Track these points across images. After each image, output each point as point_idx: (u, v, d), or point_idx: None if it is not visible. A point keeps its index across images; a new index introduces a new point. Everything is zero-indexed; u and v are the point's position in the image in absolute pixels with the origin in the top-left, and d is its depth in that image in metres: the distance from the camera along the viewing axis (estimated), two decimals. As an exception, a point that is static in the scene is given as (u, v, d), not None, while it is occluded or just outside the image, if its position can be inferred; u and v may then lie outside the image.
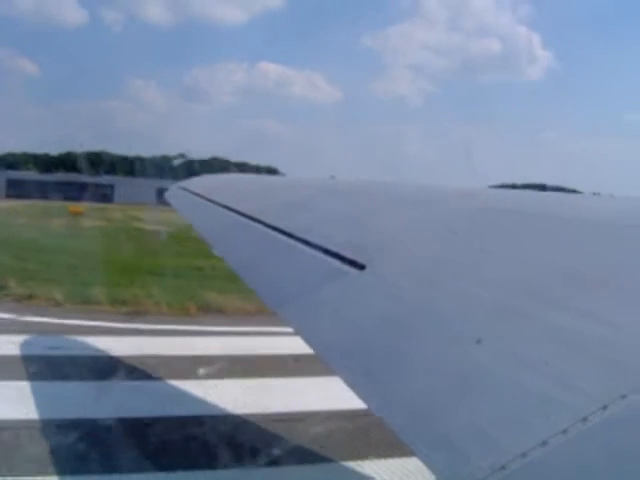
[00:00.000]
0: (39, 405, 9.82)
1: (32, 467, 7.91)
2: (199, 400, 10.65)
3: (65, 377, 11.32)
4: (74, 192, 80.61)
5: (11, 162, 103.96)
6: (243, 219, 6.57)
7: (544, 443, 1.68)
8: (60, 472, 7.88)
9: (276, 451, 8.72)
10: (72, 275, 21.22)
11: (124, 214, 57.25)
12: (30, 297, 17.87)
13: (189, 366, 12.22)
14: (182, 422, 9.70)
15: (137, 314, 16.92)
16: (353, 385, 2.53)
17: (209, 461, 8.46)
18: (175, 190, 12.65)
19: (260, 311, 17.71)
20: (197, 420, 9.80)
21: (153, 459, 8.45)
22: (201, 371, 11.96)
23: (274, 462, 8.44)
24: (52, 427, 9.09)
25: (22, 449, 8.38)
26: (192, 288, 19.83)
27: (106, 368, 11.87)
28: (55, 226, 41.34)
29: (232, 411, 10.30)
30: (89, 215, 52.95)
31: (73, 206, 58.54)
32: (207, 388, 11.11)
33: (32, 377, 11.07)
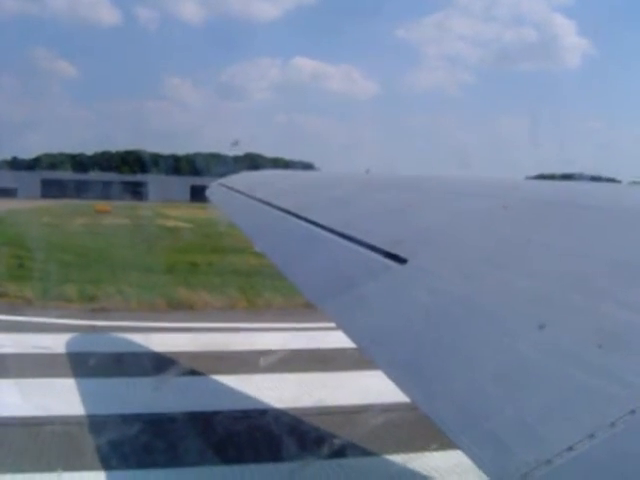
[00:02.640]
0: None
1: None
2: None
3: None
4: (108, 191, 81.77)
5: (48, 163, 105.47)
6: (283, 214, 6.60)
7: (591, 436, 1.67)
8: None
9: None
10: (48, 272, 21.33)
11: (152, 211, 57.80)
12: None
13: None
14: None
15: (103, 310, 16.98)
16: (397, 379, 2.53)
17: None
18: (215, 187, 12.73)
19: (233, 306, 17.84)
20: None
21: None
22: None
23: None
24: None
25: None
26: (175, 285, 19.76)
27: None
28: (74, 224, 41.92)
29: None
30: (115, 213, 53.53)
31: (100, 205, 59.39)
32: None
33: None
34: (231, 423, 9.54)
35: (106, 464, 8.08)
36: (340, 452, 8.73)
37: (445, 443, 2.65)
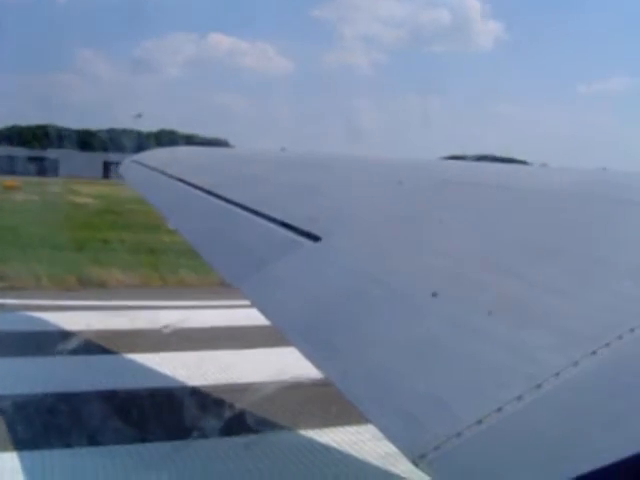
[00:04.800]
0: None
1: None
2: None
3: None
4: (17, 166, 79.38)
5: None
6: (197, 192, 6.54)
7: (499, 410, 1.72)
8: None
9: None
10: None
11: (63, 188, 56.24)
12: None
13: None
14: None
15: (12, 289, 16.39)
16: (310, 356, 2.55)
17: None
18: (128, 164, 12.50)
19: (146, 284, 17.65)
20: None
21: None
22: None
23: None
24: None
25: None
26: (87, 263, 19.32)
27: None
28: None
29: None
30: (24, 189, 51.71)
31: (9, 180, 57.51)
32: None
33: None
34: (143, 401, 9.43)
35: (15, 444, 7.90)
36: (252, 429, 8.72)
37: (358, 418, 2.68)
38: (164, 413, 9.10)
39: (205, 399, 9.84)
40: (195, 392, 10.04)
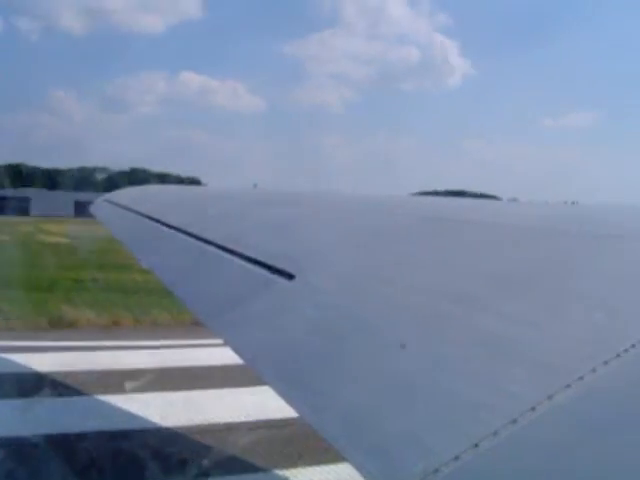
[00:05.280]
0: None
1: None
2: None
3: None
4: (-12, 206, 79.02)
5: None
6: (169, 230, 6.52)
7: (475, 446, 1.71)
8: None
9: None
10: None
11: (34, 227, 56.03)
12: None
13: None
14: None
15: None
16: (284, 394, 2.53)
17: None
18: (100, 203, 12.48)
19: (118, 324, 17.52)
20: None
21: None
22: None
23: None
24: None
25: None
26: (58, 303, 19.10)
27: None
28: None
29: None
30: (-6, 229, 51.31)
31: (-24, 220, 57.14)
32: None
33: None
34: (118, 443, 9.30)
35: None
36: (228, 470, 8.65)
37: (334, 456, 2.66)
38: (134, 456, 8.97)
39: (179, 440, 9.74)
40: (169, 433, 9.93)
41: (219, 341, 3.62)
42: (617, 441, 1.64)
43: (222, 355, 10.55)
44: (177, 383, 12.10)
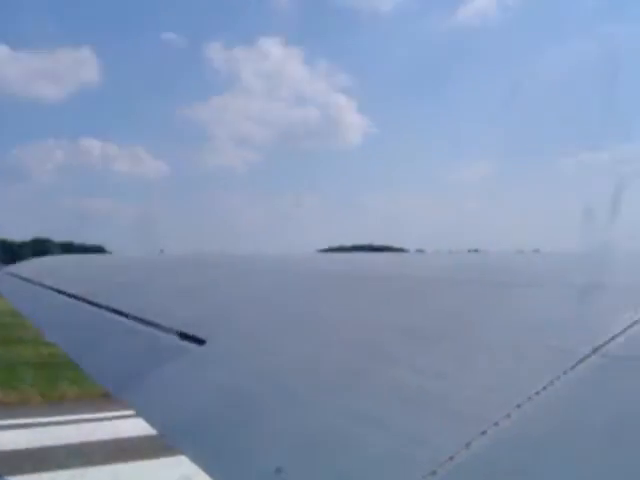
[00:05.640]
0: None
1: None
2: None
3: None
4: None
5: None
6: (75, 301, 6.38)
7: None
8: None
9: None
10: None
11: None
12: None
13: None
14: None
15: None
16: (201, 463, 2.47)
17: None
18: (2, 276, 12.15)
19: (24, 401, 16.98)
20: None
21: None
22: None
23: None
24: None
25: None
26: None
27: None
28: None
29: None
30: None
31: None
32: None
33: None
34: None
35: None
36: None
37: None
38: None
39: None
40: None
41: (131, 412, 3.53)
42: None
43: (134, 426, 10.29)
44: (88, 458, 11.70)
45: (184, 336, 3.76)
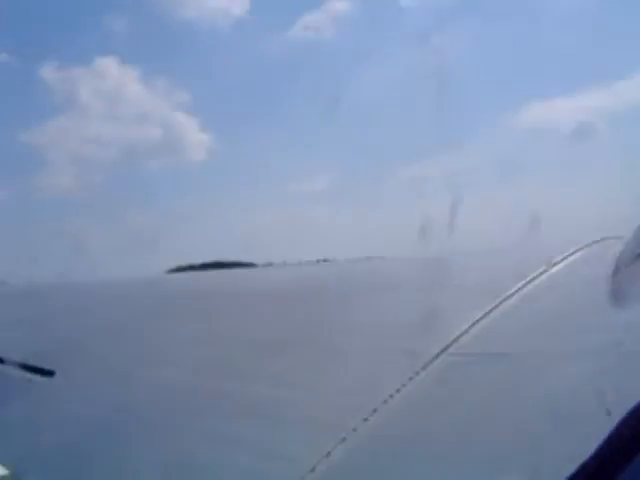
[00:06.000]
0: None
1: None
2: None
3: None
4: None
5: None
6: None
7: None
8: None
9: None
10: None
11: None
12: None
13: None
14: None
15: None
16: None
17: None
18: None
19: None
20: None
21: None
22: None
23: None
24: None
25: None
26: None
27: None
28: None
29: None
30: None
31: None
32: None
33: None
34: None
35: None
36: None
37: None
38: None
39: None
40: None
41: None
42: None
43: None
44: None
45: (32, 369, 3.62)
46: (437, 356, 2.24)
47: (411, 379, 2.11)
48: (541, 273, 2.93)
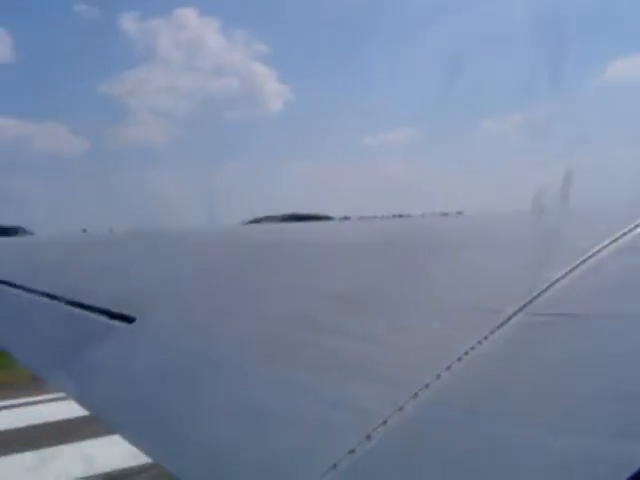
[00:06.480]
0: None
1: None
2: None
3: None
4: None
5: None
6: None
7: (334, 466, 1.71)
8: None
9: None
10: None
11: None
12: None
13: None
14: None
15: None
16: (136, 441, 2.45)
17: None
18: None
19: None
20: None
21: None
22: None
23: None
24: None
25: None
26: None
27: None
28: None
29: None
30: None
31: None
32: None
33: None
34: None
35: None
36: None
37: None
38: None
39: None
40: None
41: (61, 394, 3.47)
42: (467, 443, 1.69)
43: (66, 409, 10.15)
44: (22, 444, 11.51)
45: (112, 315, 3.70)
46: (513, 315, 2.21)
47: (486, 338, 2.09)
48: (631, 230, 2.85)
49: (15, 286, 5.67)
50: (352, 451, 1.75)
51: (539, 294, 2.32)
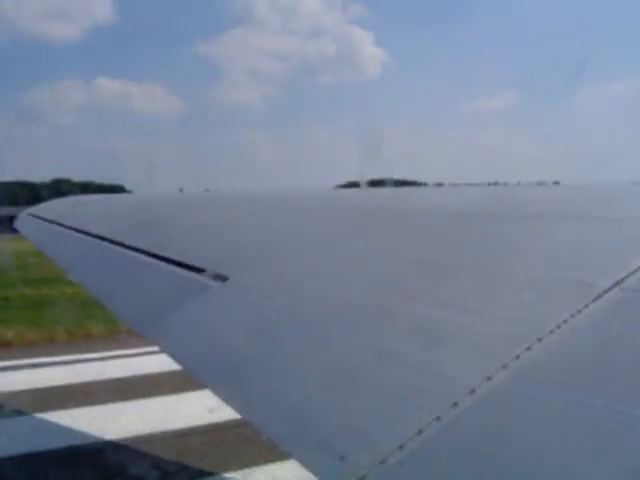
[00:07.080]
0: None
1: None
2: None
3: None
4: None
5: None
6: (97, 241, 6.42)
7: (420, 432, 1.72)
8: None
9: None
10: None
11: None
12: None
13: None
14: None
15: None
16: (226, 396, 2.51)
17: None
18: (24, 217, 12.23)
19: (51, 339, 17.15)
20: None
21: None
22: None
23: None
24: None
25: None
26: None
27: None
28: None
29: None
30: None
31: None
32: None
33: None
34: (69, 461, 9.14)
35: None
36: (177, 476, 8.58)
37: (281, 455, 2.65)
38: (86, 472, 8.84)
39: (125, 452, 9.61)
40: (115, 446, 9.80)
41: (155, 348, 3.58)
42: (557, 417, 1.67)
43: (160, 362, 10.46)
44: (119, 394, 11.94)
45: (206, 273, 3.78)
46: (609, 289, 2.16)
47: (579, 311, 2.06)
48: None
49: (114, 242, 5.84)
50: (438, 418, 1.75)
51: (636, 269, 2.26)
